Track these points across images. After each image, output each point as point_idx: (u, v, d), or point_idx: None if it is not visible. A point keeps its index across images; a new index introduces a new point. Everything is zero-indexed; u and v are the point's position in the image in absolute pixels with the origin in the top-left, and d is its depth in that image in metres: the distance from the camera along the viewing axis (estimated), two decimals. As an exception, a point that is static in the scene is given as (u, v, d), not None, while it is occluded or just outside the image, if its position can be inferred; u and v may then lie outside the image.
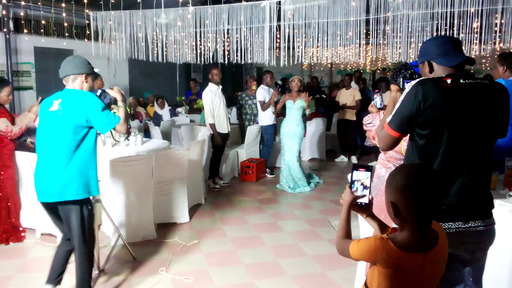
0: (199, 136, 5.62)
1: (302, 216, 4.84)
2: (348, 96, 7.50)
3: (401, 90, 2.09)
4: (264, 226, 4.48)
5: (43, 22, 6.76)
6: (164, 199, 4.30)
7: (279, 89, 6.35)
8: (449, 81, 1.71)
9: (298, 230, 4.39)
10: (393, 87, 2.21)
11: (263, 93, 6.52)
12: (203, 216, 4.77)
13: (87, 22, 6.91)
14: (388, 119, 1.83)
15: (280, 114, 6.91)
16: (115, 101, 2.91)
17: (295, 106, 5.76)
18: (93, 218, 2.78)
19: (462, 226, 1.71)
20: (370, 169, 1.59)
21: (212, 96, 5.66)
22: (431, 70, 1.87)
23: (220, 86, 5.81)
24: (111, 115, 2.67)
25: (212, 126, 5.66)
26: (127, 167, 3.84)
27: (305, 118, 6.03)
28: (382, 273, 1.38)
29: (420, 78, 1.79)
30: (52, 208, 2.67)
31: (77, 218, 2.61)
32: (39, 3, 6.33)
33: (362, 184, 1.59)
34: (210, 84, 5.78)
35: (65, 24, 6.64)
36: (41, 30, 7.08)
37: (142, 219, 3.99)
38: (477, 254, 1.78)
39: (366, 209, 1.63)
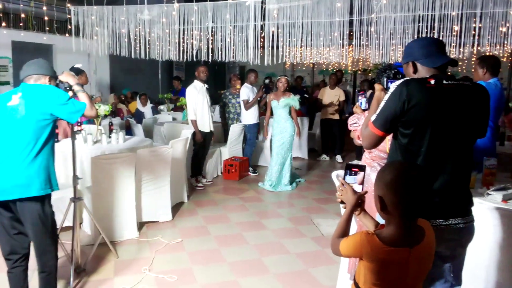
0: (182, 134, 5.58)
1: (285, 214, 4.87)
2: (333, 96, 7.57)
3: (385, 89, 2.12)
4: (247, 224, 4.49)
5: (22, 15, 6.59)
6: (146, 197, 4.26)
7: (264, 89, 6.34)
8: (432, 81, 1.75)
9: (281, 228, 4.41)
10: (377, 86, 2.24)
11: (247, 92, 6.50)
12: (186, 215, 4.74)
13: (68, 16, 6.77)
14: (373, 118, 1.86)
15: (263, 112, 6.93)
16: (70, 87, 2.82)
17: (280, 104, 5.78)
18: (54, 214, 2.70)
19: (443, 223, 1.75)
20: (363, 169, 1.63)
21: (195, 93, 5.63)
22: (415, 70, 1.91)
23: (206, 85, 5.77)
24: (76, 103, 2.61)
25: (194, 122, 5.63)
26: (109, 164, 3.78)
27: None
28: (368, 267, 1.42)
29: (405, 79, 1.82)
30: (6, 210, 2.53)
31: (40, 215, 2.54)
32: (18, -4, 6.18)
33: (355, 184, 1.63)
34: (195, 81, 5.74)
35: (46, 18, 6.48)
36: (20, 24, 6.91)
37: (124, 217, 3.95)
38: (457, 250, 1.84)
39: (359, 207, 1.66)
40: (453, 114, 1.76)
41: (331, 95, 7.59)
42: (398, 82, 1.79)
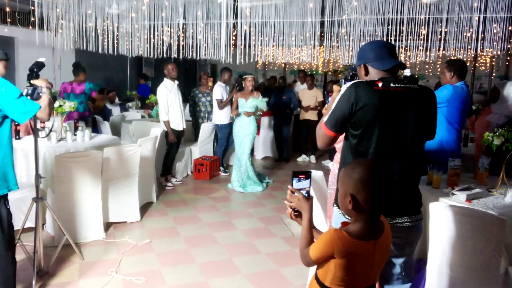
0: (151, 133, 5.46)
1: (255, 214, 4.86)
2: (311, 97, 7.61)
3: None
4: (217, 225, 4.45)
5: (-19, 6, 6.25)
6: (114, 197, 4.13)
7: (238, 88, 6.29)
8: (380, 84, 1.81)
9: (252, 228, 4.40)
10: (335, 87, 2.29)
11: (220, 90, 6.38)
12: (155, 215, 4.64)
13: (32, 8, 6.47)
14: (325, 119, 1.92)
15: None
16: (36, 89, 2.67)
17: (248, 104, 5.74)
18: (11, 216, 2.58)
19: (389, 222, 1.80)
20: (309, 175, 1.63)
21: (167, 93, 5.52)
22: (367, 73, 1.98)
23: (176, 82, 5.67)
24: (29, 103, 2.44)
25: (166, 123, 5.53)
26: (74, 163, 3.65)
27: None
28: (338, 264, 1.44)
29: (354, 81, 1.88)
30: None
31: None
32: (-23, -15, 5.86)
33: (306, 191, 1.62)
34: (165, 79, 5.62)
35: (7, 10, 6.17)
36: (-21, 15, 6.56)
37: (90, 217, 3.81)
38: (405, 249, 1.91)
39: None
40: (400, 116, 1.82)
41: (309, 96, 7.63)
42: (347, 85, 1.85)
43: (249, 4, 5.85)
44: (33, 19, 6.53)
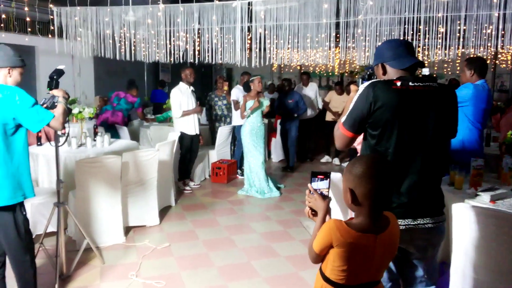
0: (168, 137, 5.51)
1: (273, 217, 4.84)
2: (341, 102, 7.56)
3: None
4: (235, 228, 4.45)
5: (3, 16, 6.43)
6: (133, 201, 4.18)
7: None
8: (398, 83, 1.79)
9: (270, 231, 4.38)
10: (352, 87, 2.27)
11: (237, 92, 6.41)
12: (174, 219, 4.67)
13: (51, 17, 6.63)
14: (343, 119, 1.90)
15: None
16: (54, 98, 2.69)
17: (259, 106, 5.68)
18: (28, 222, 2.60)
19: (411, 223, 1.80)
20: (328, 176, 1.64)
21: (180, 95, 5.55)
22: (384, 72, 1.95)
23: (192, 87, 5.71)
24: (42, 112, 2.46)
25: (182, 114, 5.55)
26: (94, 168, 3.70)
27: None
28: (337, 253, 1.47)
29: (372, 80, 1.86)
30: None
31: (12, 225, 2.44)
32: (-2, -3, 6.03)
33: (322, 193, 1.64)
34: (180, 83, 5.67)
35: (27, 19, 6.33)
36: (1, 25, 6.74)
37: (110, 222, 3.87)
38: (428, 250, 1.87)
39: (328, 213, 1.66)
40: (420, 116, 1.79)
41: (338, 101, 7.57)
42: (365, 84, 1.83)
43: (263, 8, 5.85)
44: (52, 28, 6.70)
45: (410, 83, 1.79)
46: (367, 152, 1.89)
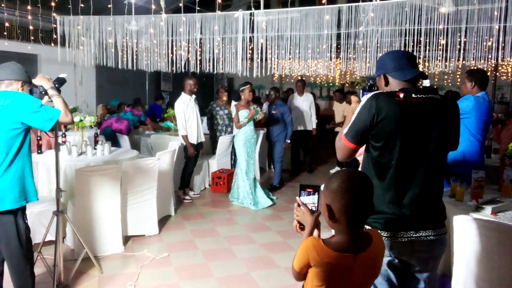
0: (169, 146, 5.50)
1: (274, 227, 4.81)
2: (340, 110, 7.56)
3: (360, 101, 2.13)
4: (235, 238, 4.42)
5: (6, 24, 6.48)
6: (132, 210, 4.16)
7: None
8: (401, 95, 1.78)
9: (270, 242, 4.35)
10: (353, 98, 2.25)
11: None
12: (173, 228, 4.65)
13: (54, 26, 6.68)
14: (345, 130, 1.89)
15: (258, 124, 6.75)
16: (45, 91, 2.69)
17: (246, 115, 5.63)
18: (29, 230, 2.61)
19: (413, 235, 1.78)
20: (317, 190, 1.60)
21: (184, 108, 5.55)
22: (387, 83, 1.94)
23: (194, 96, 5.72)
24: (50, 110, 2.49)
25: (185, 138, 5.56)
26: (94, 176, 3.69)
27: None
28: (315, 273, 1.43)
29: (375, 92, 1.85)
30: None
31: (13, 229, 2.44)
32: (2, 5, 6.08)
33: (313, 206, 1.60)
34: (182, 94, 5.68)
35: (31, 28, 6.39)
36: (4, 33, 6.79)
37: (109, 231, 3.84)
38: (430, 263, 1.86)
39: (316, 228, 1.62)
40: (423, 127, 1.79)
41: (338, 110, 7.59)
42: (367, 96, 1.82)
43: (265, 18, 5.90)
44: (55, 36, 6.75)
45: (413, 95, 1.78)
46: (369, 164, 1.88)
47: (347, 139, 1.87)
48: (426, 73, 2.19)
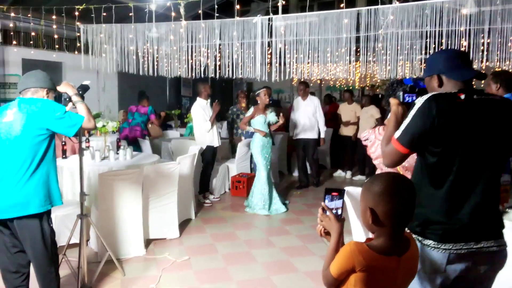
0: (189, 150, 5.57)
1: (293, 231, 4.80)
2: (350, 111, 7.51)
3: (402, 103, 2.04)
4: (255, 242, 4.43)
5: (32, 34, 6.70)
6: (153, 214, 4.22)
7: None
8: (462, 96, 1.67)
9: (290, 246, 4.34)
10: (392, 101, 2.07)
11: None
12: (194, 232, 4.69)
13: (78, 34, 6.86)
14: (397, 134, 1.74)
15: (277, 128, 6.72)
16: (69, 98, 2.76)
17: (267, 119, 5.64)
18: (54, 234, 2.66)
19: (474, 247, 1.66)
20: (343, 194, 1.57)
21: (202, 111, 5.67)
22: (441, 84, 1.82)
23: (209, 100, 5.82)
24: (74, 116, 2.56)
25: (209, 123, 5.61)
26: (116, 181, 3.77)
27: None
28: (359, 278, 1.40)
29: (431, 93, 1.73)
30: (6, 228, 2.52)
31: (39, 232, 2.49)
32: (29, 15, 6.28)
33: (338, 210, 1.57)
34: (198, 99, 5.81)
35: (55, 37, 6.58)
36: (31, 42, 7.02)
37: (131, 234, 3.91)
38: (487, 275, 1.73)
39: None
40: (485, 131, 1.67)
41: (347, 111, 7.54)
42: (425, 97, 1.70)
43: (283, 23, 5.90)
44: (78, 44, 6.93)
45: (475, 96, 1.68)
46: (422, 171, 1.76)
47: (400, 143, 1.72)
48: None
